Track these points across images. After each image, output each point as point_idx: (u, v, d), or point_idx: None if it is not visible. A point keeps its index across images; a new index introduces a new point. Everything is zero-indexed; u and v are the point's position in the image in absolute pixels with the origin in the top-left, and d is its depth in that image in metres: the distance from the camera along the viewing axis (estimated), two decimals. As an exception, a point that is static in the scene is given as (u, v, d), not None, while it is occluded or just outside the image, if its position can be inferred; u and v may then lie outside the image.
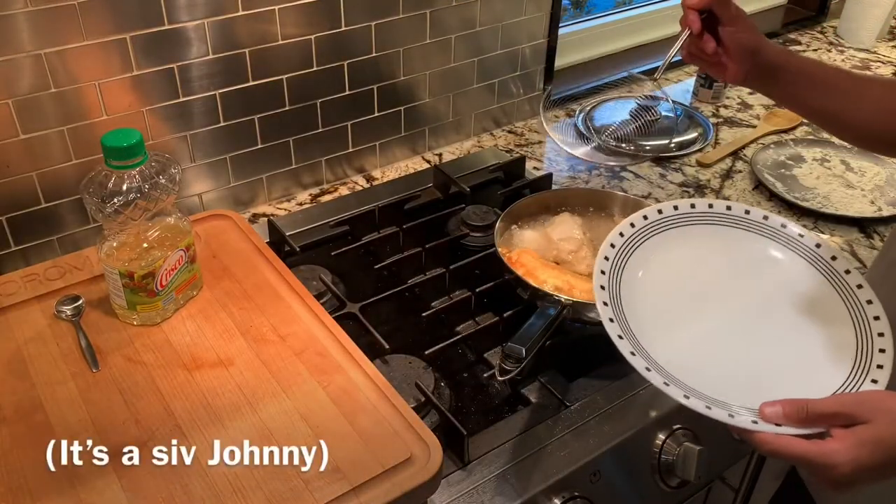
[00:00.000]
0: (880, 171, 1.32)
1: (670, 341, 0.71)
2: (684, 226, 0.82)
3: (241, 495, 0.66)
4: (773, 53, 0.85)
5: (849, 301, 0.75)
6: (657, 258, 0.79)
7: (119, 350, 0.81)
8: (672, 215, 0.82)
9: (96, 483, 0.67)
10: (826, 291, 0.76)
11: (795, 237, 0.81)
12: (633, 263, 0.77)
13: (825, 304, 0.75)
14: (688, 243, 0.81)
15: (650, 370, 0.66)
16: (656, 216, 0.81)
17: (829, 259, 0.78)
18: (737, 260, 0.81)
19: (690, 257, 0.80)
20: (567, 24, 1.62)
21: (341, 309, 0.95)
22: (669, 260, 0.79)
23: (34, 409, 0.74)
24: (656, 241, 0.80)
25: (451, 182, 1.20)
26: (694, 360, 0.70)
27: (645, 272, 0.77)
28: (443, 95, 1.30)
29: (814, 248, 0.79)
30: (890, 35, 1.89)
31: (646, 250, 0.79)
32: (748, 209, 0.83)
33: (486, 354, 0.94)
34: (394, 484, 0.68)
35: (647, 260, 0.78)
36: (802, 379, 0.68)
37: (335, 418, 0.74)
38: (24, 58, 0.89)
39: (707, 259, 0.80)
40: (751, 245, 0.81)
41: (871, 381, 0.67)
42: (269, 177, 1.18)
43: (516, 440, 0.82)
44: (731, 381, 0.67)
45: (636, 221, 0.80)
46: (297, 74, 1.11)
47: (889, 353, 0.69)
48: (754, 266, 0.80)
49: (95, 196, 0.77)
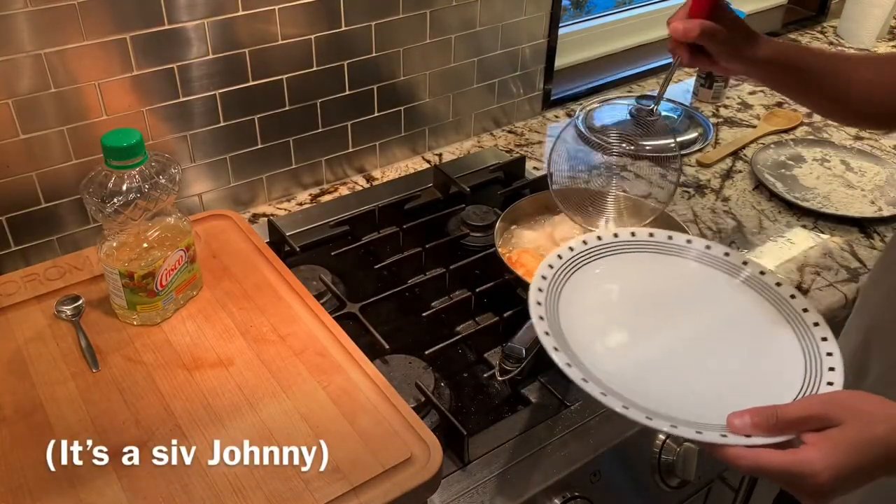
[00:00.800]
0: (880, 171, 1.32)
1: (620, 366, 0.70)
2: (627, 253, 0.83)
3: (241, 495, 0.66)
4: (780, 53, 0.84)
5: (792, 319, 0.75)
6: (599, 281, 0.79)
7: (119, 350, 0.81)
8: (612, 242, 0.83)
9: (96, 483, 0.67)
10: (767, 310, 0.77)
11: (739, 265, 0.81)
12: (573, 285, 0.78)
13: (768, 323, 0.76)
14: (628, 269, 0.82)
15: (587, 381, 0.64)
16: (595, 242, 0.82)
17: (773, 284, 0.78)
18: (680, 286, 0.81)
19: (632, 282, 0.81)
20: (567, 24, 1.62)
21: (341, 309, 0.95)
22: (612, 284, 0.80)
23: (34, 409, 0.74)
24: (598, 264, 0.81)
25: (451, 182, 1.20)
26: (646, 381, 0.69)
27: (586, 294, 0.77)
28: (443, 95, 1.30)
29: (759, 276, 0.80)
30: (890, 35, 1.88)
31: (586, 273, 0.79)
32: (690, 238, 0.84)
33: (486, 354, 0.94)
34: (394, 484, 0.68)
35: (589, 282, 0.78)
36: (758, 391, 0.67)
37: (335, 418, 0.74)
38: (24, 58, 0.89)
39: (647, 285, 0.81)
40: (695, 272, 0.82)
41: (826, 384, 0.67)
42: (269, 177, 1.18)
43: (516, 440, 0.82)
44: (687, 400, 0.66)
45: (575, 245, 0.81)
46: (297, 74, 1.11)
47: (837, 362, 0.69)
48: (698, 292, 0.81)
49: (95, 196, 0.77)
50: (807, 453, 0.55)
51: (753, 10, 1.94)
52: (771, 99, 1.56)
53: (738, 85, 1.62)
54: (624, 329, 0.77)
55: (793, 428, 0.58)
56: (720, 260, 0.83)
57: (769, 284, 0.79)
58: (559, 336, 0.70)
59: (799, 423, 0.57)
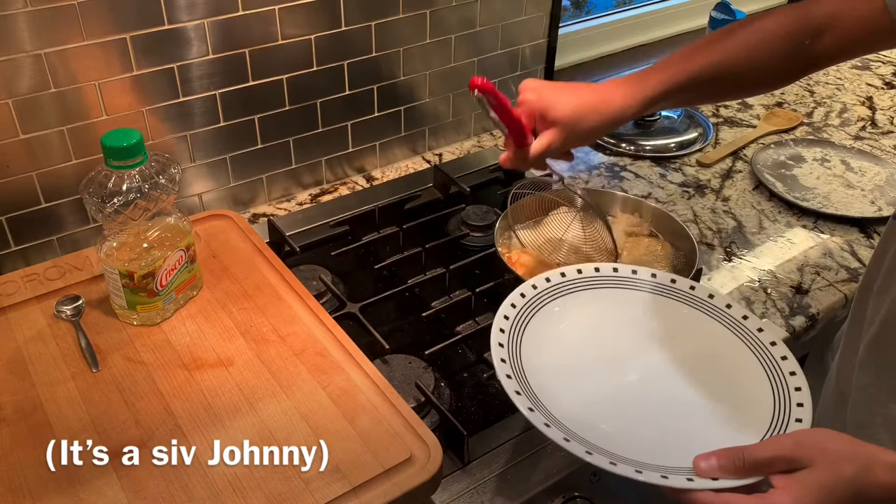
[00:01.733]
0: (880, 171, 1.32)
1: (583, 406, 0.69)
2: (592, 289, 0.82)
3: (241, 495, 0.66)
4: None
5: (760, 353, 0.74)
6: (560, 320, 0.78)
7: (119, 350, 0.81)
8: (577, 278, 0.82)
9: (96, 483, 0.67)
10: (734, 344, 0.76)
11: (705, 298, 0.80)
12: (536, 324, 0.76)
13: (735, 357, 0.75)
14: (594, 306, 0.81)
15: (549, 426, 0.63)
16: (559, 279, 0.81)
17: (740, 318, 0.78)
18: (644, 322, 0.80)
19: (593, 320, 0.80)
20: (567, 24, 1.62)
21: (341, 309, 0.95)
22: (574, 322, 0.79)
23: (34, 409, 0.74)
24: (563, 301, 0.80)
25: (451, 182, 1.20)
26: (610, 422, 0.68)
27: (550, 333, 0.76)
28: (443, 95, 1.30)
29: (724, 309, 0.79)
30: (890, 35, 1.88)
31: (550, 311, 0.78)
32: (654, 273, 0.83)
33: (486, 354, 0.93)
34: (394, 484, 0.68)
35: (551, 321, 0.77)
36: (726, 430, 0.66)
37: (335, 418, 0.74)
38: (24, 58, 0.89)
39: (610, 322, 0.80)
40: (661, 308, 0.81)
41: (795, 421, 0.66)
42: (269, 177, 1.18)
43: (516, 440, 0.82)
44: (652, 441, 0.65)
45: (538, 283, 0.80)
46: (297, 74, 1.11)
47: (806, 397, 0.68)
48: (663, 327, 0.79)
49: (95, 196, 0.77)
50: (776, 497, 0.55)
51: (753, 10, 1.94)
52: (771, 99, 1.56)
53: (738, 85, 1.62)
54: (588, 369, 0.75)
55: (761, 470, 0.57)
56: (685, 294, 0.81)
57: (736, 318, 0.78)
58: (521, 378, 0.70)
59: (767, 465, 0.57)
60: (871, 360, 0.80)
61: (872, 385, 0.80)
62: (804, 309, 1.02)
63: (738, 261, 1.11)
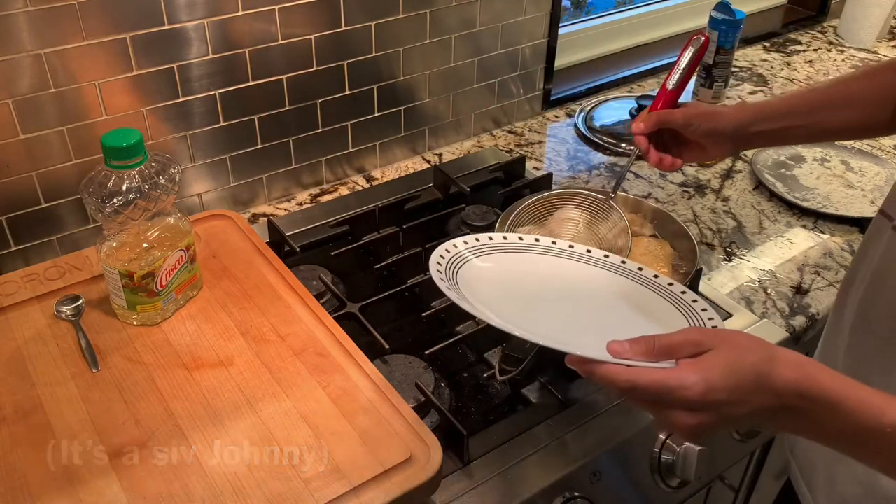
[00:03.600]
0: (880, 171, 1.32)
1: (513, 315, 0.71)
2: (525, 253, 0.84)
3: (241, 495, 0.66)
4: (750, 116, 0.87)
5: (683, 308, 0.76)
6: (493, 271, 0.79)
7: (119, 350, 0.81)
8: (516, 243, 0.84)
9: (96, 483, 0.67)
10: (657, 300, 0.77)
11: (634, 270, 0.82)
12: (468, 268, 0.78)
13: (660, 311, 0.76)
14: (521, 265, 0.82)
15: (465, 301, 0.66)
16: (500, 240, 0.84)
17: (666, 285, 0.79)
18: (570, 281, 0.81)
19: (524, 273, 0.81)
20: (567, 24, 1.62)
21: (341, 309, 0.95)
22: (506, 273, 0.80)
23: (34, 409, 0.74)
24: (491, 258, 0.81)
25: (451, 182, 1.20)
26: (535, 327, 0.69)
27: (481, 277, 0.77)
28: (443, 95, 1.30)
29: (650, 276, 0.81)
30: (890, 35, 1.89)
31: (483, 261, 0.80)
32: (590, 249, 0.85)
33: (486, 354, 0.94)
34: (394, 484, 0.68)
35: (484, 268, 0.79)
36: None
37: (335, 418, 0.74)
38: (24, 58, 0.89)
39: (543, 278, 0.81)
40: (591, 273, 0.83)
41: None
42: (269, 177, 1.18)
43: (516, 440, 0.82)
44: (569, 339, 0.66)
45: (480, 237, 0.82)
46: (297, 74, 1.11)
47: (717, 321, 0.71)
48: (592, 285, 0.81)
49: (95, 196, 0.77)
50: (680, 369, 0.57)
51: (753, 10, 1.94)
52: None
53: (738, 85, 1.62)
54: (516, 302, 0.76)
55: (669, 353, 0.59)
56: (613, 265, 0.84)
57: (661, 283, 0.80)
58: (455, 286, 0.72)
59: (675, 349, 0.59)
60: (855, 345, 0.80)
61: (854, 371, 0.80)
62: (804, 309, 1.02)
63: (738, 261, 1.11)
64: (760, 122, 0.87)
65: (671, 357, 0.59)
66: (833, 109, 0.86)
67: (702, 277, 1.06)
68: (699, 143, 0.89)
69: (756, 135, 0.88)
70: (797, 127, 0.87)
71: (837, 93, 0.87)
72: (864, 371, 0.76)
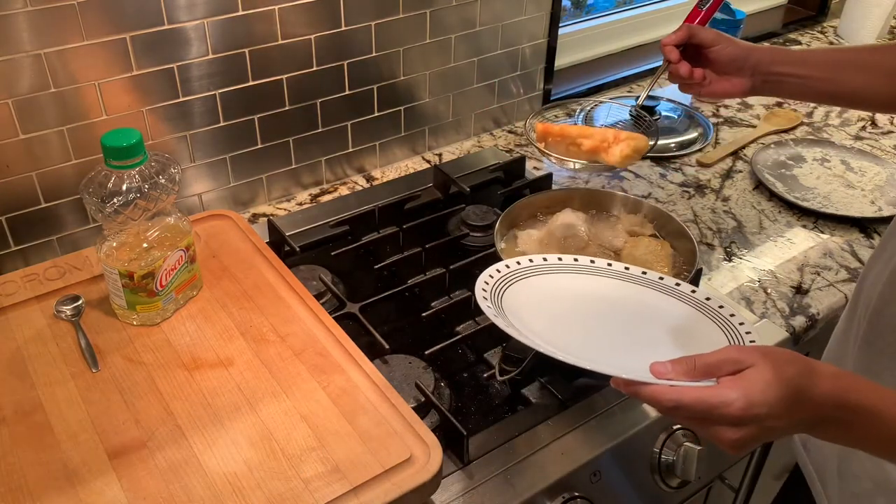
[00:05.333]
0: (880, 171, 1.32)
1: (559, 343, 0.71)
2: (570, 274, 0.84)
3: (241, 495, 0.66)
4: (773, 54, 0.86)
5: (722, 324, 0.76)
6: (538, 291, 0.80)
7: (119, 350, 0.81)
8: (556, 264, 0.84)
9: (96, 483, 0.67)
10: (698, 317, 0.78)
11: (672, 286, 0.82)
12: (514, 292, 0.78)
13: (700, 329, 0.77)
14: (569, 285, 0.82)
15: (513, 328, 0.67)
16: (540, 262, 0.84)
17: (703, 299, 0.79)
18: (616, 302, 0.82)
19: (571, 295, 0.82)
20: (567, 24, 1.62)
21: (341, 309, 0.95)
22: (549, 295, 0.80)
23: (34, 409, 0.74)
24: (541, 279, 0.82)
25: (451, 182, 1.20)
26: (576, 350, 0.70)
27: (527, 301, 0.78)
28: (443, 95, 1.30)
29: (689, 293, 0.81)
30: (890, 35, 1.88)
31: (525, 285, 0.80)
32: (628, 267, 0.85)
33: (486, 354, 0.94)
34: (394, 484, 0.68)
35: (527, 292, 0.79)
36: None
37: (335, 418, 0.74)
38: (24, 58, 0.89)
39: (590, 299, 0.81)
40: (631, 293, 0.83)
41: None
42: (269, 177, 1.18)
43: (516, 440, 0.82)
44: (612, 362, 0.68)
45: (512, 264, 0.82)
46: (297, 74, 1.11)
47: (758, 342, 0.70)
48: (634, 306, 0.81)
49: (95, 196, 0.77)
50: (721, 387, 0.59)
51: (753, 10, 1.94)
52: (771, 99, 1.56)
53: (738, 85, 1.62)
54: (563, 326, 0.77)
55: (710, 371, 0.60)
56: (656, 283, 0.84)
57: (699, 298, 0.80)
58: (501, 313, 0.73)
59: (715, 367, 0.60)
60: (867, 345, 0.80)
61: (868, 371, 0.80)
62: (804, 309, 1.02)
63: (738, 261, 1.11)
64: (783, 63, 0.87)
65: (712, 376, 0.60)
66: (857, 70, 0.86)
67: (702, 277, 1.06)
68: (720, 71, 0.89)
69: (776, 75, 0.88)
70: (817, 79, 0.88)
71: (865, 55, 0.88)
72: (876, 367, 0.77)
